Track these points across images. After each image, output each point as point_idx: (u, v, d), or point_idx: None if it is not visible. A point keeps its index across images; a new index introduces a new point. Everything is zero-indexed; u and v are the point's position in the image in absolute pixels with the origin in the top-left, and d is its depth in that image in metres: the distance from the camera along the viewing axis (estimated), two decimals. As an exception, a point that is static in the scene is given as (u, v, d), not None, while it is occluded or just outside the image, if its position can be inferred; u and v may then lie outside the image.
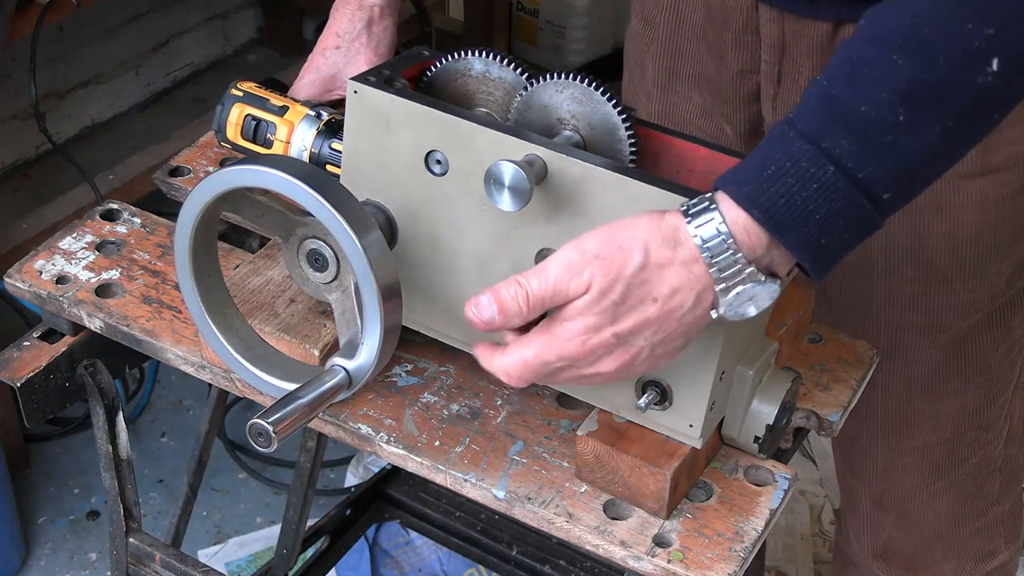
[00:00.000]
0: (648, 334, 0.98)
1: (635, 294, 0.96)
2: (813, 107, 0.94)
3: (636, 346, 0.98)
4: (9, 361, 1.28)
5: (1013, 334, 1.46)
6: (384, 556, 2.17)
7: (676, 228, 0.96)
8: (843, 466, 1.60)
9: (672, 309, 0.96)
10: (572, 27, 3.24)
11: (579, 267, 0.96)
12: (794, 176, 0.93)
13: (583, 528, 1.07)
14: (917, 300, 1.39)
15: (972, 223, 1.33)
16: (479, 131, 1.07)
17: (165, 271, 1.30)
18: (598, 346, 0.98)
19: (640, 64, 1.48)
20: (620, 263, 0.96)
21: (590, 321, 0.97)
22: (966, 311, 1.40)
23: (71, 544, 2.33)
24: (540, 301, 0.98)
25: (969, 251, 1.35)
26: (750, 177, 0.94)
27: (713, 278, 0.95)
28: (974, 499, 1.56)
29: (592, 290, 0.96)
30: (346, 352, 1.09)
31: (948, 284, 1.37)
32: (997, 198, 1.32)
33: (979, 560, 1.60)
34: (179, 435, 2.53)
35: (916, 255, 1.36)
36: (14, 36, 2.18)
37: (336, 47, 1.35)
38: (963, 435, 1.50)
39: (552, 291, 0.97)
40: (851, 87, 0.93)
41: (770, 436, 1.12)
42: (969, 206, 1.32)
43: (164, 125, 2.96)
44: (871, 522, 1.59)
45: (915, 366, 1.44)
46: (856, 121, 0.92)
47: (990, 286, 1.39)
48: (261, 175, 1.03)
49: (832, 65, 0.95)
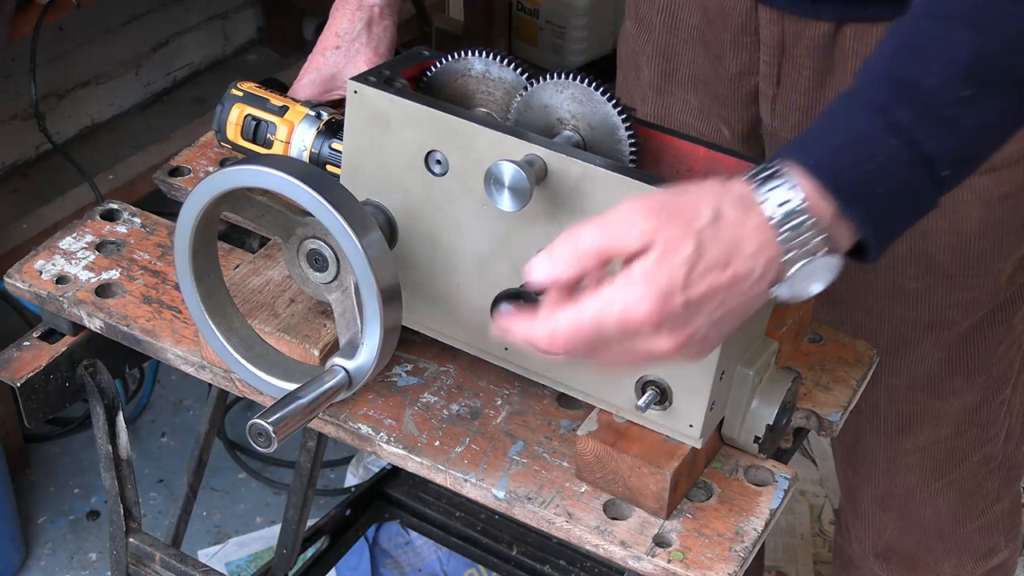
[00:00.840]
0: (712, 307, 0.90)
1: (710, 254, 0.89)
2: (878, 78, 0.92)
3: (696, 323, 0.91)
4: (9, 361, 1.28)
5: (1014, 331, 1.46)
6: (384, 556, 2.17)
7: (745, 193, 0.91)
8: (845, 465, 1.60)
9: (742, 277, 0.90)
10: (572, 27, 3.24)
11: (640, 217, 0.89)
12: (861, 147, 0.90)
13: (583, 528, 1.07)
14: (920, 297, 1.39)
15: (975, 220, 1.33)
16: (479, 131, 1.07)
17: (165, 271, 1.30)
18: (666, 315, 0.89)
19: (635, 67, 1.48)
20: (689, 217, 0.89)
21: (662, 283, 0.88)
22: (969, 308, 1.40)
23: (71, 544, 2.33)
24: (595, 251, 0.89)
25: (972, 248, 1.35)
26: (818, 147, 0.91)
27: (780, 248, 0.90)
28: (974, 497, 1.56)
29: (658, 245, 0.88)
30: (346, 352, 1.09)
31: (951, 281, 1.37)
32: (1000, 195, 1.33)
33: (979, 558, 1.60)
34: (179, 435, 2.53)
35: (919, 252, 1.36)
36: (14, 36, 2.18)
37: (336, 47, 1.35)
38: (964, 433, 1.50)
39: (608, 239, 0.89)
40: (914, 59, 0.91)
41: (770, 436, 1.12)
42: (973, 203, 1.32)
43: (164, 125, 2.96)
44: (873, 522, 1.59)
45: (918, 364, 1.44)
46: (921, 94, 0.90)
47: (993, 283, 1.39)
48: (261, 175, 1.03)
49: (893, 38, 0.93)
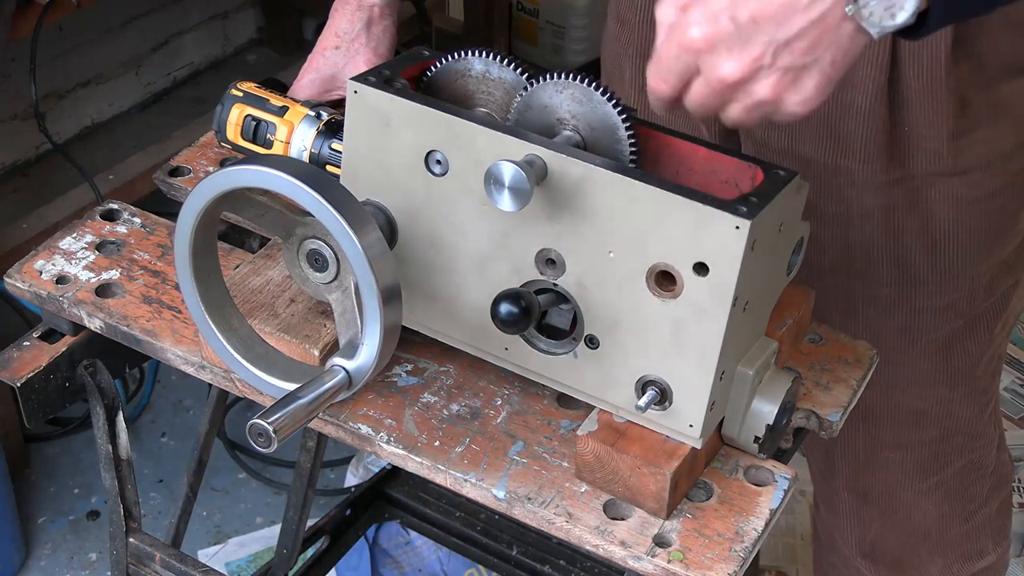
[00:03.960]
0: (771, 29, 0.90)
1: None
2: None
3: (759, 43, 0.91)
4: (9, 361, 1.28)
5: (995, 342, 1.46)
6: (384, 556, 2.17)
7: None
8: (823, 467, 1.60)
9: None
10: (572, 27, 3.24)
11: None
12: None
13: (583, 528, 1.07)
14: (895, 302, 1.39)
15: (945, 221, 1.33)
16: (479, 131, 1.07)
17: (165, 271, 1.30)
18: (716, 33, 0.92)
19: (618, 67, 1.48)
20: None
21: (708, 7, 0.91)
22: (947, 315, 1.40)
23: (71, 544, 2.33)
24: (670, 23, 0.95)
25: (943, 251, 1.35)
26: None
27: None
28: (961, 500, 1.56)
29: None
30: (346, 352, 1.09)
31: (925, 286, 1.37)
32: (971, 198, 1.32)
33: (966, 561, 1.60)
34: (179, 435, 2.53)
35: (892, 254, 1.36)
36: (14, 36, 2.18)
37: (336, 47, 1.35)
38: (950, 439, 1.50)
39: None
40: None
41: (770, 436, 1.12)
42: (942, 204, 1.32)
43: (164, 125, 2.95)
44: (856, 518, 1.59)
45: (898, 367, 1.43)
46: None
47: (968, 289, 1.38)
48: (261, 175, 1.03)
49: None
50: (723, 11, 0.91)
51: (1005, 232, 1.37)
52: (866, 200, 1.32)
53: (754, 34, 0.91)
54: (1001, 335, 1.46)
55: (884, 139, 1.28)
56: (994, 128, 1.28)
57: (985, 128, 1.28)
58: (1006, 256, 1.39)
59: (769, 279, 1.11)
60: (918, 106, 1.26)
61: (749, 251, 1.00)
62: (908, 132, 1.28)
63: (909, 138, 1.28)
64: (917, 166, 1.30)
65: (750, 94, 0.94)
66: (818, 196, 1.33)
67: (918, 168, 1.30)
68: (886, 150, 1.29)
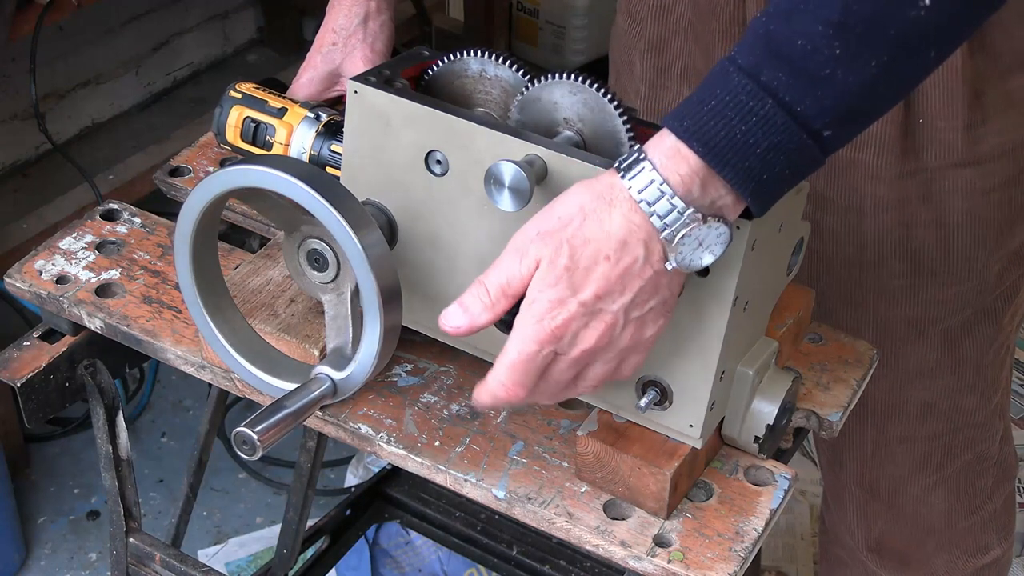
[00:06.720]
0: (615, 297, 0.97)
1: (584, 254, 0.96)
2: (752, 42, 0.93)
3: (609, 312, 0.97)
4: (9, 361, 1.28)
5: (1003, 332, 1.46)
6: (384, 556, 2.17)
7: (610, 185, 0.96)
8: (831, 461, 1.60)
9: (628, 265, 0.96)
10: (572, 27, 3.24)
11: (524, 247, 0.97)
12: (734, 110, 0.92)
13: (583, 528, 1.07)
14: (905, 293, 1.39)
15: (959, 212, 1.34)
16: (479, 131, 1.07)
17: (165, 271, 1.30)
18: (569, 320, 0.97)
19: (627, 62, 1.49)
20: (559, 228, 0.96)
21: (551, 295, 0.96)
22: (956, 305, 1.40)
23: (71, 544, 2.33)
24: (499, 290, 0.98)
25: (956, 242, 1.36)
26: (691, 111, 0.94)
27: (656, 227, 0.95)
28: (967, 495, 1.56)
29: (542, 263, 0.96)
30: (332, 360, 1.09)
31: (936, 277, 1.38)
32: (984, 188, 1.33)
33: (972, 555, 1.60)
34: (179, 435, 2.53)
35: (904, 246, 1.36)
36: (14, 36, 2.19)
37: (333, 43, 1.35)
38: (957, 431, 1.50)
39: (507, 276, 0.98)
40: (788, 21, 0.92)
41: (770, 436, 1.12)
42: (956, 195, 1.33)
43: (164, 125, 2.95)
44: (863, 512, 1.59)
45: (905, 359, 1.44)
46: (793, 54, 0.91)
47: (979, 280, 1.39)
48: (261, 175, 1.03)
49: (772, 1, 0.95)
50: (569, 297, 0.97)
51: (1016, 221, 1.37)
52: (879, 192, 1.33)
53: (601, 310, 0.97)
54: (1010, 326, 1.47)
55: (898, 132, 1.29)
56: (1007, 118, 1.29)
57: (999, 119, 1.29)
58: (1016, 246, 1.39)
59: (769, 279, 1.11)
60: (933, 98, 1.27)
61: (749, 251, 1.01)
62: (923, 124, 1.28)
63: (923, 130, 1.29)
64: (931, 158, 1.30)
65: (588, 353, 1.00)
66: (831, 189, 1.34)
67: (932, 160, 1.30)
68: (900, 143, 1.30)
